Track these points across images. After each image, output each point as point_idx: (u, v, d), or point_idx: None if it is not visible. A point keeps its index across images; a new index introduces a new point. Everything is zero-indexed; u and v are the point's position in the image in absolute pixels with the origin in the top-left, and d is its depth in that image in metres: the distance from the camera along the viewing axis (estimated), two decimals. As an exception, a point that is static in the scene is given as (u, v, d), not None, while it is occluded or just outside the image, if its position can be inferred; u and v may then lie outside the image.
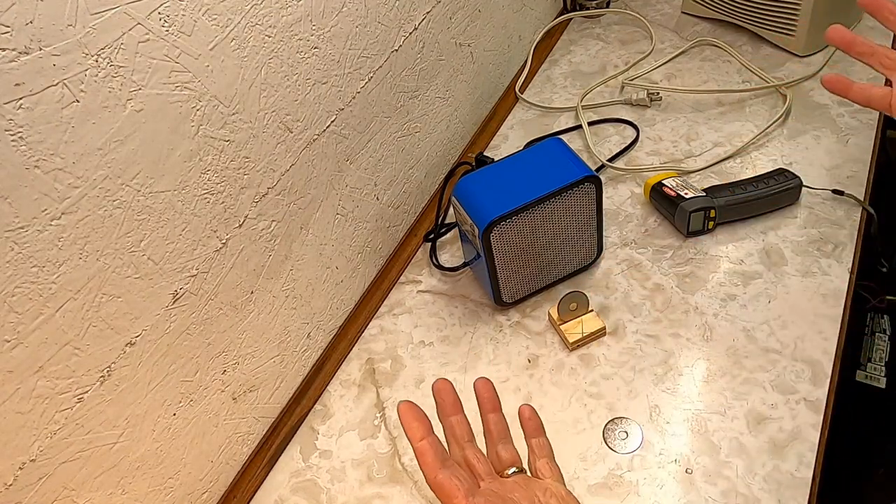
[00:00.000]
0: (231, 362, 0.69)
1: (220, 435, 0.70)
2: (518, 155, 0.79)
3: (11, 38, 0.44)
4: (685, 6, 1.18)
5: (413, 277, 0.89)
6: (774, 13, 1.04)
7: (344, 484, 0.71)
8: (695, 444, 0.66)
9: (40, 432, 0.52)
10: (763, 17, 1.06)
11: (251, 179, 0.66)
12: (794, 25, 1.02)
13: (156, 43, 0.53)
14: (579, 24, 1.24)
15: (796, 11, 1.01)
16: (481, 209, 0.72)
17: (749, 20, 1.08)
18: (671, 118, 1.00)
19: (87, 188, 0.50)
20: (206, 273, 0.63)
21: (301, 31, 0.67)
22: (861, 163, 0.88)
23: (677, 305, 0.78)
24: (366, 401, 0.77)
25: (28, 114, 0.45)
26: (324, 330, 0.82)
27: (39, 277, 0.49)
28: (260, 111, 0.64)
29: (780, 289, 0.77)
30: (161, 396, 0.61)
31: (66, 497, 0.55)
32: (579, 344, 0.76)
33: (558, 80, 1.12)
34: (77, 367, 0.53)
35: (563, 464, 0.67)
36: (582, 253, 0.81)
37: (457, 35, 0.95)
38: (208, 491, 0.70)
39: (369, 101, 0.80)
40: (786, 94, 0.97)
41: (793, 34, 1.03)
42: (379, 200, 0.86)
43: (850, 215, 0.82)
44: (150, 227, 0.56)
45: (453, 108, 0.99)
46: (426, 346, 0.81)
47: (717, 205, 0.82)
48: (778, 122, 0.94)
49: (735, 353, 0.73)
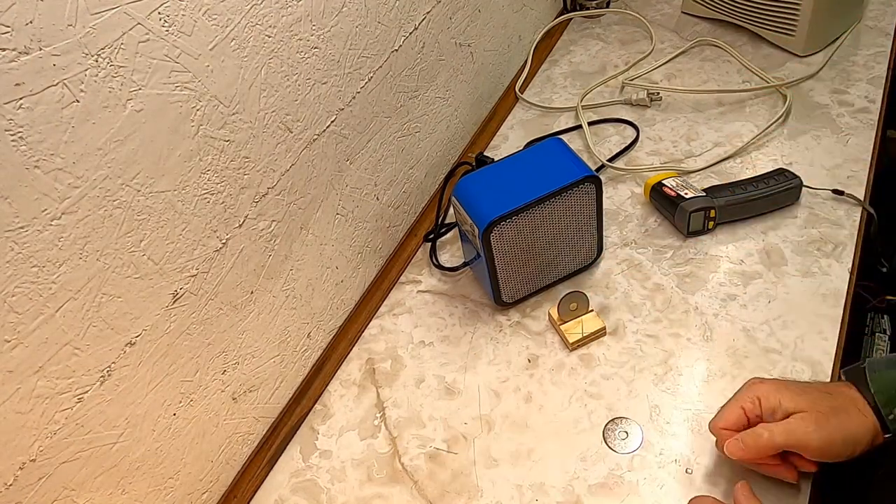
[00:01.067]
0: (231, 362, 0.69)
1: (220, 435, 0.70)
2: (518, 155, 0.79)
3: (11, 38, 0.44)
4: (685, 6, 1.18)
5: (413, 277, 0.89)
6: (774, 13, 1.04)
7: (344, 484, 0.71)
8: (695, 444, 0.66)
9: (40, 432, 0.52)
10: (763, 17, 1.06)
11: (251, 179, 0.66)
12: (794, 25, 1.02)
13: (156, 43, 0.53)
14: (579, 24, 1.24)
15: (796, 11, 1.01)
16: (481, 209, 0.72)
17: (749, 20, 1.08)
18: (671, 118, 1.00)
19: (87, 188, 0.50)
20: (206, 273, 0.63)
21: (301, 31, 0.67)
22: (861, 163, 0.88)
23: (677, 305, 0.78)
24: (366, 401, 0.77)
25: (28, 114, 0.45)
26: (324, 330, 0.82)
27: (39, 277, 0.49)
28: (260, 111, 0.64)
29: (780, 289, 0.77)
30: (161, 396, 0.61)
31: (66, 497, 0.55)
32: (579, 344, 0.76)
33: (558, 80, 1.12)
34: (77, 367, 0.53)
35: (563, 464, 0.68)
36: (582, 253, 0.81)
37: (457, 35, 0.95)
38: (208, 491, 0.70)
39: (369, 101, 0.80)
40: (786, 94, 0.97)
41: (793, 34, 1.03)
42: (379, 200, 0.86)
43: (850, 215, 0.82)
44: (150, 227, 0.56)
45: (453, 108, 0.99)
46: (426, 346, 0.81)
47: (717, 205, 0.82)
48: (778, 122, 0.94)
49: (735, 353, 0.73)
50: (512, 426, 0.71)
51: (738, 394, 0.62)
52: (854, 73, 1.00)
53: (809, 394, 0.59)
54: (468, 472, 0.69)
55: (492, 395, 0.74)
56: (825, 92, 0.98)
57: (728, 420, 0.61)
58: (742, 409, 0.60)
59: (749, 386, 0.61)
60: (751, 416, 0.60)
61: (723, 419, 0.61)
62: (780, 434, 0.57)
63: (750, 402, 0.60)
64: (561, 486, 0.66)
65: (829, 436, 0.56)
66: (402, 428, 0.74)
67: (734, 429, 0.60)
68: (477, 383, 0.76)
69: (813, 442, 0.56)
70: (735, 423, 0.60)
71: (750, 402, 0.60)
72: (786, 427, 0.57)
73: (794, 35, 1.03)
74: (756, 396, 0.60)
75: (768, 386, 0.60)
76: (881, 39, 1.05)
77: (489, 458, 0.69)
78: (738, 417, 0.60)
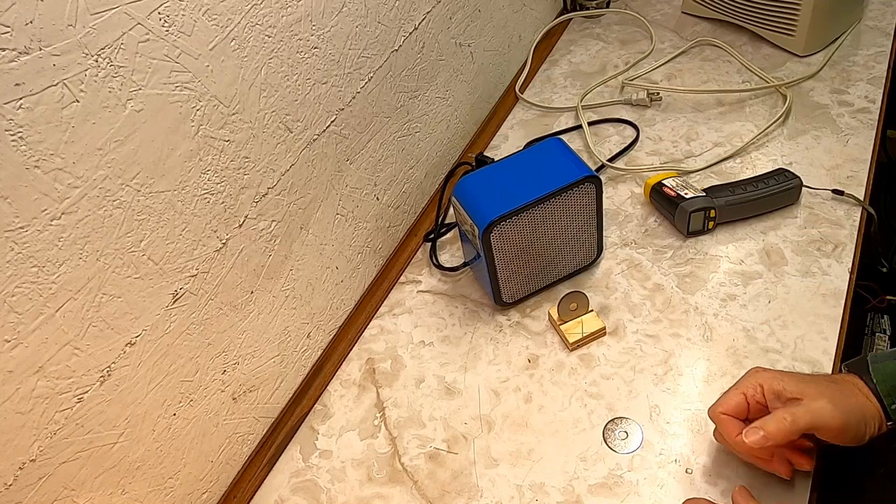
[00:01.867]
0: (231, 362, 0.69)
1: (220, 435, 0.70)
2: (518, 155, 0.79)
3: (11, 38, 0.44)
4: (685, 6, 1.18)
5: (413, 277, 0.89)
6: (775, 13, 1.04)
7: (344, 484, 0.71)
8: (695, 444, 0.66)
9: (40, 432, 0.52)
10: (763, 17, 1.06)
11: (251, 179, 0.66)
12: (794, 25, 1.02)
13: (156, 43, 0.53)
14: (579, 24, 1.24)
15: (796, 11, 1.01)
16: (481, 209, 0.72)
17: (749, 20, 1.08)
18: (671, 118, 1.00)
19: (87, 188, 0.50)
20: (206, 273, 0.63)
21: (301, 31, 0.67)
22: (861, 163, 0.88)
23: (677, 305, 0.78)
24: (366, 401, 0.77)
25: (28, 114, 0.45)
26: (324, 330, 0.82)
27: (39, 277, 0.49)
28: (260, 111, 0.64)
29: (780, 289, 0.77)
30: (161, 396, 0.61)
31: (66, 497, 0.55)
32: (579, 344, 0.76)
33: (558, 80, 1.12)
34: (77, 367, 0.53)
35: (563, 464, 0.68)
36: (582, 253, 0.81)
37: (457, 35, 0.95)
38: (208, 491, 0.70)
39: (369, 101, 0.80)
40: (786, 94, 0.97)
41: (793, 34, 1.03)
42: (379, 200, 0.86)
43: (850, 215, 0.82)
44: (150, 227, 0.56)
45: (453, 108, 0.99)
46: (426, 346, 0.81)
47: (717, 205, 0.82)
48: (778, 122, 0.94)
49: (735, 353, 0.73)
50: (512, 426, 0.71)
51: (740, 381, 0.61)
52: (854, 73, 1.00)
53: (814, 380, 0.58)
54: (468, 472, 0.69)
55: (492, 395, 0.74)
56: (825, 92, 0.98)
57: (728, 405, 0.60)
58: (743, 395, 0.60)
59: (751, 373, 0.61)
60: (752, 403, 0.59)
61: (723, 404, 0.60)
62: (803, 416, 0.55)
63: (752, 388, 0.59)
64: (561, 486, 0.66)
65: (846, 415, 0.55)
66: (402, 428, 0.74)
67: (734, 415, 0.60)
68: (477, 383, 0.76)
69: (834, 421, 0.55)
70: (735, 408, 0.60)
71: (752, 389, 0.59)
72: (807, 409, 0.55)
73: (794, 35, 1.03)
74: (758, 384, 0.59)
75: (771, 374, 0.60)
76: (881, 39, 1.05)
77: (489, 458, 0.69)
78: (739, 403, 0.60)
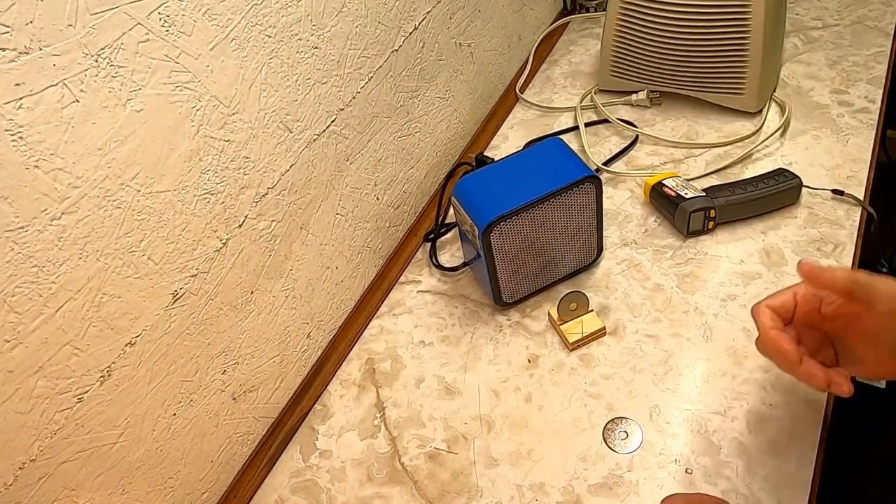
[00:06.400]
0: (231, 362, 0.69)
1: (220, 435, 0.70)
2: (518, 155, 0.79)
3: (11, 38, 0.44)
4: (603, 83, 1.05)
5: (413, 277, 0.89)
6: (719, 76, 0.95)
7: (344, 484, 0.71)
8: (695, 444, 0.66)
9: (40, 432, 0.52)
10: (706, 82, 0.97)
11: (251, 179, 0.66)
12: (742, 85, 0.94)
13: (156, 43, 0.53)
14: (579, 25, 1.24)
15: (743, 71, 0.92)
16: (481, 209, 0.72)
17: (690, 87, 0.98)
18: (671, 118, 1.00)
19: (87, 188, 0.50)
20: (206, 273, 0.63)
21: (301, 31, 0.67)
22: (861, 163, 0.88)
23: (677, 305, 0.78)
24: (366, 401, 0.77)
25: (28, 114, 0.45)
26: (324, 330, 0.82)
27: (39, 277, 0.49)
28: (260, 111, 0.64)
29: (780, 289, 0.77)
30: (161, 396, 0.61)
31: (66, 497, 0.55)
32: (579, 344, 0.76)
33: (558, 81, 1.12)
34: (77, 367, 0.53)
35: (562, 464, 0.68)
36: (582, 253, 0.81)
37: (457, 35, 0.95)
38: (208, 491, 0.70)
39: (369, 101, 0.80)
40: (783, 104, 0.96)
41: (742, 93, 0.95)
42: (379, 200, 0.87)
43: (850, 215, 0.82)
44: (150, 227, 0.56)
45: (453, 108, 0.99)
46: (426, 346, 0.81)
47: (717, 205, 0.82)
48: (777, 135, 0.94)
49: (735, 353, 0.73)
50: (512, 426, 0.71)
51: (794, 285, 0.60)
52: (854, 73, 1.00)
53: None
54: (468, 472, 0.69)
55: (492, 395, 0.74)
56: (825, 92, 0.98)
57: (775, 302, 0.59)
58: (794, 294, 0.58)
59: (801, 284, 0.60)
60: (800, 302, 0.58)
61: (769, 299, 0.59)
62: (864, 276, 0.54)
63: (804, 289, 0.58)
64: (561, 486, 0.66)
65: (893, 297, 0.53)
66: (402, 428, 0.74)
67: (779, 311, 0.58)
68: (477, 383, 0.76)
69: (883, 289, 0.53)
70: (781, 305, 0.58)
71: (804, 289, 0.58)
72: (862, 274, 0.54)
73: (743, 94, 0.95)
74: (811, 291, 0.58)
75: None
76: (881, 39, 1.05)
77: (489, 458, 0.69)
78: (786, 301, 0.58)
